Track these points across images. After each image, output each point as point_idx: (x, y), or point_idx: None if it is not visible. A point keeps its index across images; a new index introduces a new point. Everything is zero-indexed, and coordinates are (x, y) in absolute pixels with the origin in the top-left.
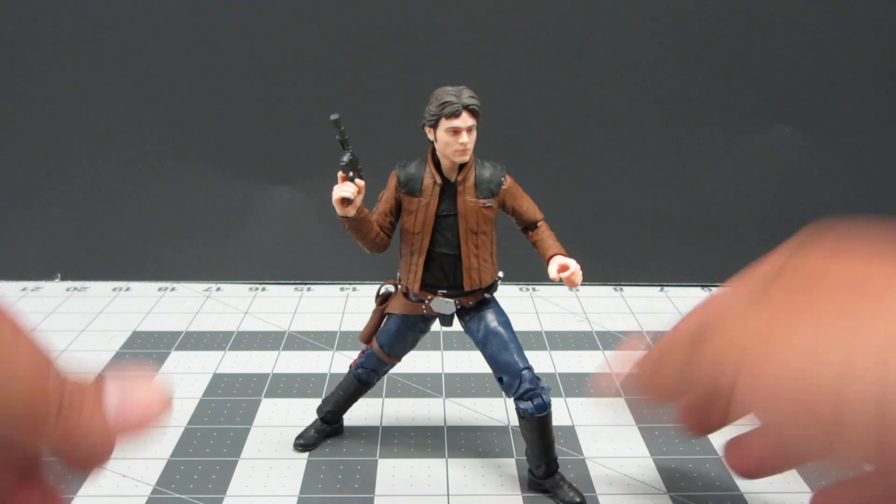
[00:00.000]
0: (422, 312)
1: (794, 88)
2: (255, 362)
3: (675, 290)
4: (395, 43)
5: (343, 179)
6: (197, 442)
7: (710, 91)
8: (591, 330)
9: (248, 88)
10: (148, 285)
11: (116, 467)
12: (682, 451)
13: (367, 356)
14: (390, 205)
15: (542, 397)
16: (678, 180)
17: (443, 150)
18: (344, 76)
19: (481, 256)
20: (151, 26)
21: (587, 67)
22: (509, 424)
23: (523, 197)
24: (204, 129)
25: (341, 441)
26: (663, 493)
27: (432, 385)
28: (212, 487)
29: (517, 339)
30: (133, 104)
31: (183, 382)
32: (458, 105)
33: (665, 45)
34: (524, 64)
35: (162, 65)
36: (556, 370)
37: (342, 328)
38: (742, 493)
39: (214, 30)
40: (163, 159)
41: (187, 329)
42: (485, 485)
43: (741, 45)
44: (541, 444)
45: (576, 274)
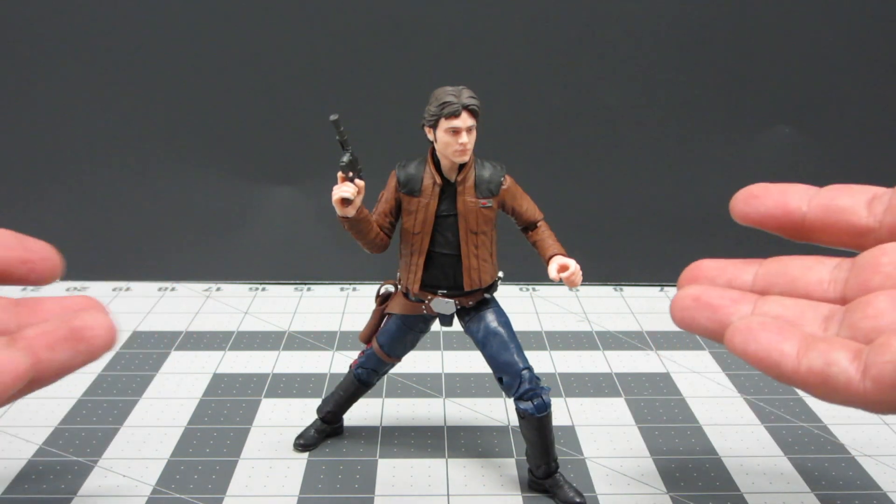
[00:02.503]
0: (422, 312)
1: (794, 88)
2: (255, 362)
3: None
4: (395, 43)
5: (343, 180)
6: (197, 442)
7: (710, 91)
8: (591, 330)
9: (248, 88)
10: (148, 285)
11: (116, 467)
12: (682, 451)
13: (367, 356)
14: (390, 205)
15: (542, 397)
16: (678, 180)
17: (442, 151)
18: (344, 76)
19: (481, 256)
20: (151, 26)
21: (587, 67)
22: (509, 424)
23: (523, 197)
24: (204, 130)
25: (341, 441)
26: (663, 493)
27: (432, 385)
28: (212, 487)
29: (517, 339)
30: (133, 104)
31: (183, 382)
32: (458, 105)
33: (665, 44)
34: (524, 64)
35: (162, 65)
36: (556, 370)
37: (342, 328)
38: (742, 493)
39: (214, 30)
40: (163, 159)
41: (187, 329)
42: (485, 485)
43: (741, 45)
44: (541, 444)
45: (576, 274)
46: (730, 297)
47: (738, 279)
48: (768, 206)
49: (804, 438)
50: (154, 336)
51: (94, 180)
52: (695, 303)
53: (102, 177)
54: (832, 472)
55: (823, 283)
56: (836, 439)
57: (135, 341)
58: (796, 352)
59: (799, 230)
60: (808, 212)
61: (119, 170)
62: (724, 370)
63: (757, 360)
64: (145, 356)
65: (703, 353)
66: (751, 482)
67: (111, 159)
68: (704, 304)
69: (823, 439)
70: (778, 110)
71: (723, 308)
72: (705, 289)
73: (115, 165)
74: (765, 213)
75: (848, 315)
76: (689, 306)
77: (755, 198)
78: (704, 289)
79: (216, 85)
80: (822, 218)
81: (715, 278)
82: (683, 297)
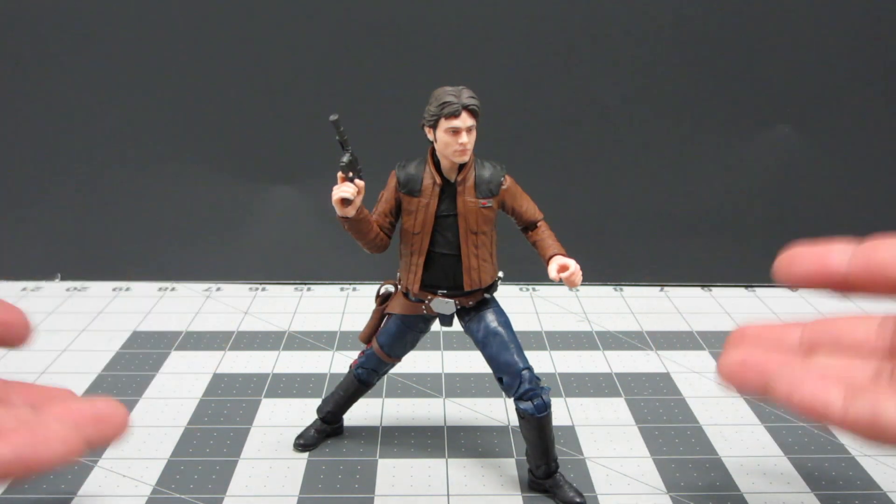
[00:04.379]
0: (422, 312)
1: (794, 88)
2: (255, 362)
3: (675, 290)
4: (395, 43)
5: (342, 180)
6: (197, 442)
7: (710, 91)
8: (591, 330)
9: (248, 88)
10: (148, 285)
11: (116, 467)
12: (682, 451)
13: (367, 356)
14: (390, 205)
15: (542, 397)
16: (678, 180)
17: (442, 151)
18: (344, 76)
19: (481, 256)
20: (151, 26)
21: (587, 67)
22: (509, 424)
23: (523, 197)
24: (204, 130)
25: (341, 441)
26: (663, 493)
27: (432, 385)
28: (212, 487)
29: (517, 339)
30: (133, 104)
31: (183, 382)
32: (458, 105)
33: (665, 44)
34: (524, 64)
35: (162, 65)
36: (556, 370)
37: (342, 328)
38: (742, 493)
39: (214, 30)
40: (163, 159)
41: (187, 329)
42: (485, 485)
43: (741, 45)
44: (541, 445)
45: (576, 274)
46: (776, 360)
47: (784, 341)
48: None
49: (804, 438)
50: (154, 336)
51: (94, 180)
52: (742, 367)
53: (102, 177)
54: (832, 472)
55: (870, 340)
56: (836, 439)
57: (135, 341)
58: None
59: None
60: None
61: (119, 170)
62: None
63: (802, 409)
64: (145, 356)
65: (703, 353)
66: (751, 482)
67: (111, 159)
68: (752, 366)
69: (823, 439)
70: (778, 110)
71: (770, 369)
72: (751, 351)
73: (115, 165)
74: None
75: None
76: (736, 371)
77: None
78: (750, 351)
79: (216, 85)
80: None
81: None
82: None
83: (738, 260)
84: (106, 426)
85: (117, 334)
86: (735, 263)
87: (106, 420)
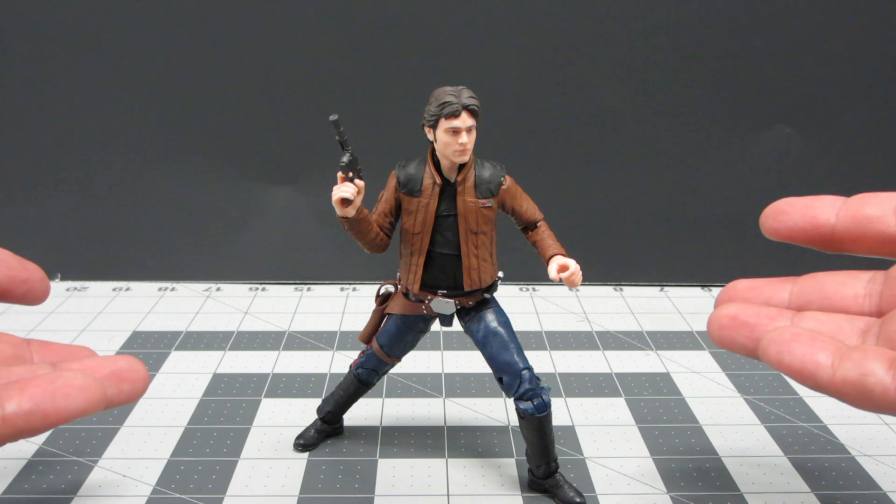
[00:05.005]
0: (422, 312)
1: (794, 88)
2: (255, 362)
3: (675, 290)
4: (395, 43)
5: (342, 180)
6: (197, 442)
7: (710, 91)
8: (591, 330)
9: (248, 88)
10: (148, 285)
11: (116, 467)
12: (682, 451)
13: (367, 356)
14: (390, 205)
15: (541, 397)
16: (678, 180)
17: (442, 151)
18: (344, 76)
19: (481, 256)
20: (151, 26)
21: (587, 67)
22: (509, 424)
23: (523, 197)
24: (204, 130)
25: (341, 441)
26: (663, 493)
27: (432, 385)
28: (212, 487)
29: (517, 339)
30: (133, 104)
31: (183, 382)
32: (458, 105)
33: (665, 44)
34: (524, 64)
35: (162, 65)
36: (556, 370)
37: (342, 328)
38: (742, 493)
39: (214, 29)
40: (163, 159)
41: (187, 329)
42: (485, 485)
43: (741, 46)
44: (541, 444)
45: (576, 274)
46: (767, 315)
47: (775, 298)
48: (797, 220)
49: (804, 438)
50: (154, 336)
51: (94, 180)
52: (732, 321)
53: (102, 177)
54: (832, 472)
55: (859, 297)
56: (836, 439)
57: (135, 341)
58: (831, 362)
59: (829, 242)
60: (836, 224)
61: (119, 170)
62: (724, 370)
63: (792, 371)
64: (145, 356)
65: (703, 353)
66: (751, 482)
67: (111, 159)
68: (742, 322)
69: (823, 439)
70: (778, 110)
71: (760, 326)
72: (742, 307)
73: (115, 165)
74: (794, 227)
75: (884, 326)
76: (726, 325)
77: (783, 213)
78: (741, 307)
79: (216, 85)
80: (850, 229)
81: (751, 297)
82: (721, 316)
83: (738, 260)
84: (125, 383)
85: (117, 334)
86: (735, 263)
87: (125, 377)
